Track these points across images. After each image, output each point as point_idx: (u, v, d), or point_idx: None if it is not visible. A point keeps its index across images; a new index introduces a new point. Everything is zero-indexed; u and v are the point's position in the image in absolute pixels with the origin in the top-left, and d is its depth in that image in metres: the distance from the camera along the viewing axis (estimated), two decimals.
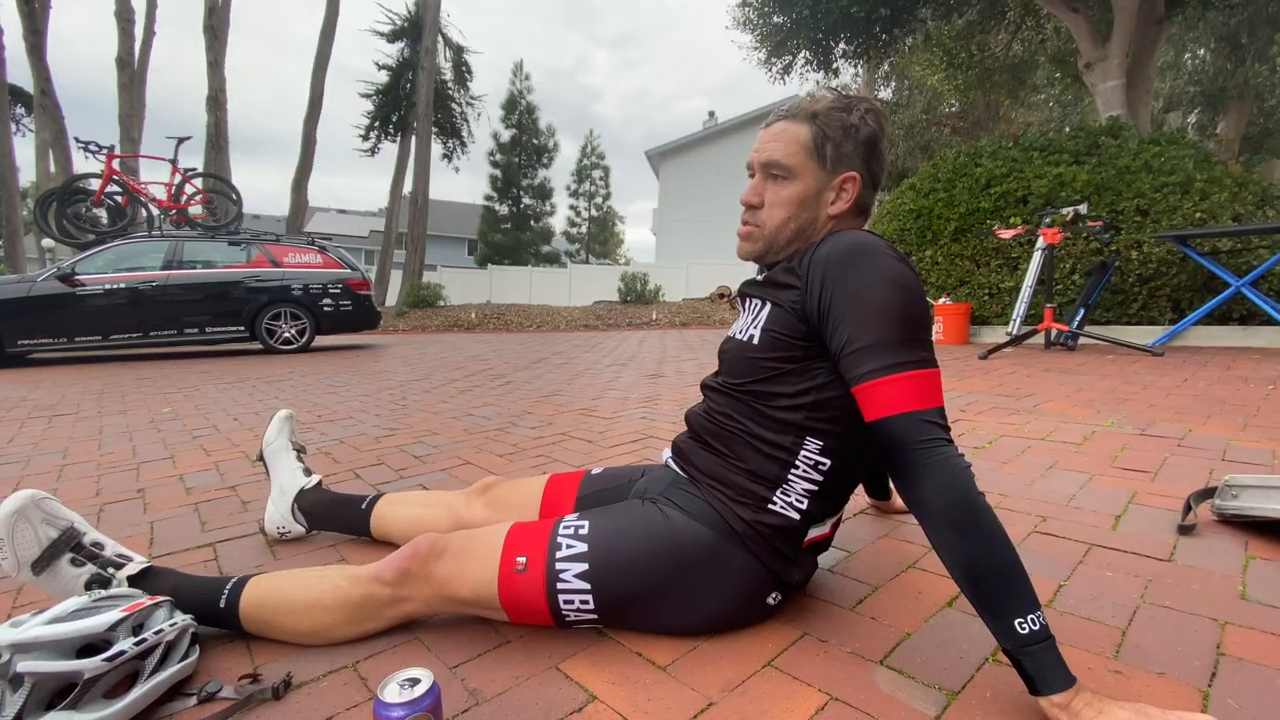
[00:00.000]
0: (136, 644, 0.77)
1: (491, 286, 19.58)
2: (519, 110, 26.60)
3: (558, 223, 29.16)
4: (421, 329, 10.71)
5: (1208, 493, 1.33)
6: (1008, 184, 5.31)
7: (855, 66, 11.77)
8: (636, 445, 2.13)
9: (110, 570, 0.95)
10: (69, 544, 0.94)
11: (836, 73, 10.95)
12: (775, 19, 9.74)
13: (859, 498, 1.49)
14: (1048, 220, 4.42)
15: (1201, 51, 13.60)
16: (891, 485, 1.35)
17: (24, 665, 0.70)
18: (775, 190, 0.92)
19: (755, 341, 0.91)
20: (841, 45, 9.83)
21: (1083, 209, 4.32)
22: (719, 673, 0.83)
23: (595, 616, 0.89)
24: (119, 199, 6.78)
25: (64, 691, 0.73)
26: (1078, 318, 4.52)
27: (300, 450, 1.39)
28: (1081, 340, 4.53)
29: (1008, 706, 0.74)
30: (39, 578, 0.91)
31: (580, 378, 4.02)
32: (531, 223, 27.13)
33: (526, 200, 26.98)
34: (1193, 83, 13.82)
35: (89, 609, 0.79)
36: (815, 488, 0.89)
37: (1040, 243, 4.41)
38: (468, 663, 0.87)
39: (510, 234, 26.48)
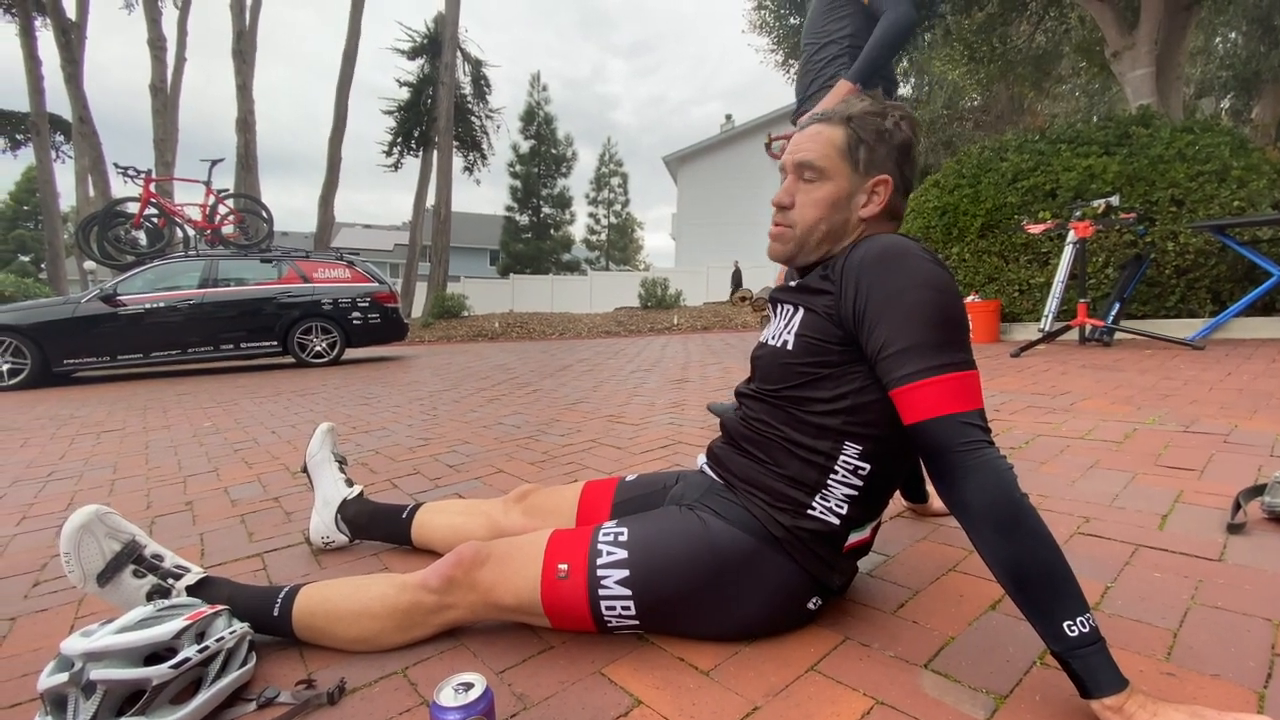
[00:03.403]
0: (200, 651, 0.80)
1: (514, 295, 19.80)
2: (537, 121, 26.92)
3: (577, 230, 29.38)
4: (447, 339, 10.86)
5: (1257, 490, 1.29)
6: (1035, 178, 5.21)
7: None
8: (666, 451, 2.13)
9: (170, 581, 0.99)
10: (131, 556, 0.98)
11: None
12: (792, 20, 9.72)
13: (896, 501, 1.48)
14: (1078, 214, 4.33)
15: (1233, 35, 13.19)
16: (929, 488, 1.34)
17: (96, 673, 0.74)
18: (808, 191, 0.93)
19: (789, 347, 0.92)
20: None
21: (1115, 201, 4.22)
22: (762, 677, 0.83)
23: (637, 622, 0.90)
24: (156, 221, 7.04)
25: (133, 698, 0.76)
26: (1113, 312, 4.41)
27: (342, 462, 1.42)
28: (1118, 335, 4.41)
29: (1058, 710, 0.73)
30: (103, 589, 0.95)
31: (605, 384, 4.04)
32: (552, 231, 27.38)
33: (546, 209, 27.25)
34: (1225, 67, 13.41)
35: (154, 618, 0.82)
36: (855, 493, 0.89)
37: (1071, 236, 4.32)
38: (513, 668, 0.88)
39: (531, 243, 26.75)
